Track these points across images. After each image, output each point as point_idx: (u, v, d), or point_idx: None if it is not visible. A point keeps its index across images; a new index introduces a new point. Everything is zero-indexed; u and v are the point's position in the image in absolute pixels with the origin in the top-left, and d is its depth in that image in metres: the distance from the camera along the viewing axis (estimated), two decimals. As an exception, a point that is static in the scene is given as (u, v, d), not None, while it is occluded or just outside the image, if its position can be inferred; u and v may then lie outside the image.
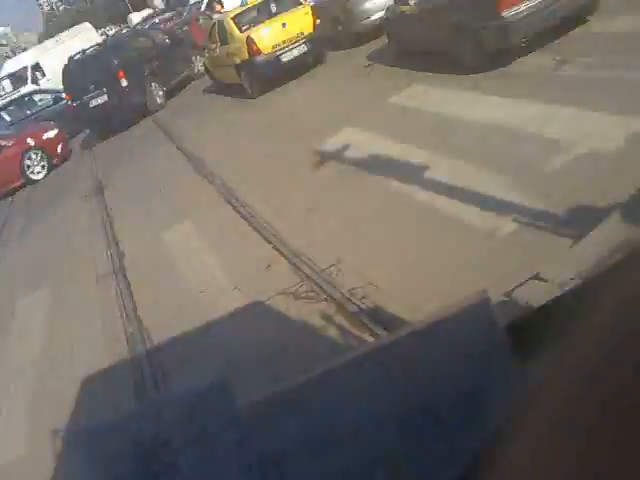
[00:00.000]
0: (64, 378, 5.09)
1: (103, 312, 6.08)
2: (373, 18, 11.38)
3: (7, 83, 24.79)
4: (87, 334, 5.79)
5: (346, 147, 7.05)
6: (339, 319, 4.14)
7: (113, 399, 4.35)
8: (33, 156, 13.92)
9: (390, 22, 10.00)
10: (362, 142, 7.01)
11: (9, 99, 20.53)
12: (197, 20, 20.81)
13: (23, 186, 13.75)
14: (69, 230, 9.43)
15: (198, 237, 6.84)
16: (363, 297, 4.25)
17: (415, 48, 9.21)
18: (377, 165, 6.24)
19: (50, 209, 11.11)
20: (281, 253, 5.50)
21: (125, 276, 6.69)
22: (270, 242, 5.79)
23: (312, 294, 4.66)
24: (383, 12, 10.49)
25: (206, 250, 6.37)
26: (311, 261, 5.08)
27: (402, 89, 8.16)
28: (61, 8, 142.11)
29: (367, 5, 11.55)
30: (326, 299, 4.49)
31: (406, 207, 5.23)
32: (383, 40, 10.63)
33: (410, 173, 5.68)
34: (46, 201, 11.90)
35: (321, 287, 4.67)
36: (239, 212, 6.85)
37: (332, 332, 4.03)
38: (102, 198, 10.22)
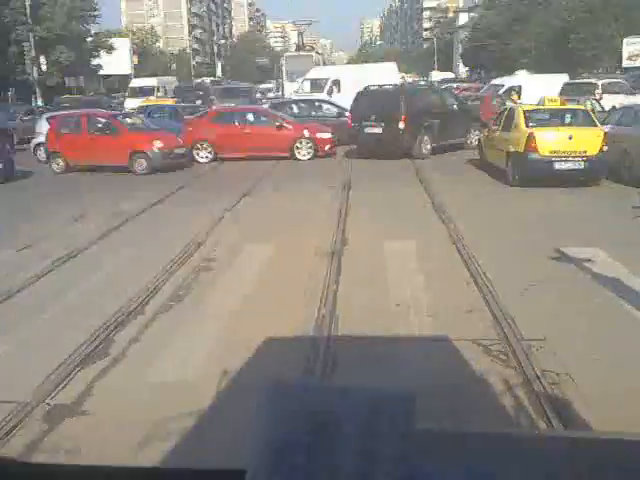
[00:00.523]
0: (253, 330, 5.43)
1: (309, 283, 6.66)
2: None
3: (307, 85, 27.77)
4: (289, 296, 6.37)
5: (589, 260, 7.10)
6: (520, 393, 4.19)
7: (283, 367, 4.75)
8: (304, 143, 17.42)
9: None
10: (609, 264, 6.99)
11: (304, 98, 23.36)
12: (491, 100, 21.52)
13: (288, 157, 17.36)
14: (312, 201, 11.48)
15: (416, 257, 7.62)
16: (554, 383, 4.27)
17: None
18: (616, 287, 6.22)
19: (296, 183, 13.60)
20: (488, 304, 5.79)
21: (340, 260, 7.43)
22: (482, 291, 6.16)
23: (503, 357, 4.78)
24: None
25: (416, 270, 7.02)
26: (516, 326, 5.23)
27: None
28: (378, 42, 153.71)
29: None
30: (515, 368, 4.57)
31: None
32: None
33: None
34: (300, 175, 14.96)
35: (515, 354, 4.75)
36: (460, 253, 7.55)
37: (507, 401, 4.10)
38: (346, 193, 12.02)
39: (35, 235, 9.30)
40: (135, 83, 42.65)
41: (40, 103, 36.41)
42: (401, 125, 16.43)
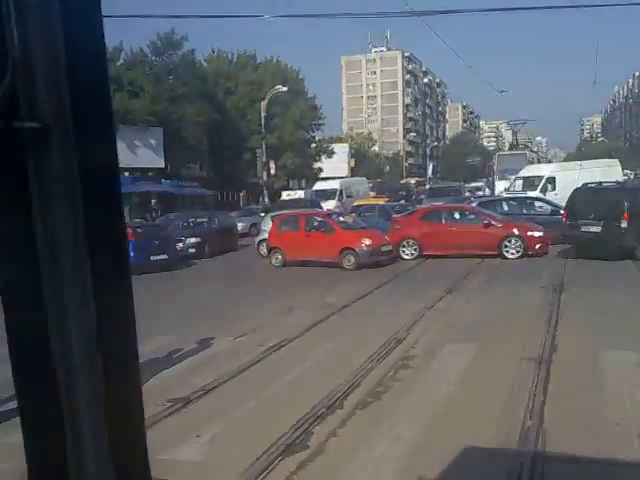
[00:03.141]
0: (447, 434, 5.36)
1: (514, 390, 6.32)
2: None
3: (519, 183, 27.27)
4: (490, 400, 6.12)
5: None
6: None
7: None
8: (513, 241, 17.05)
9: None
10: None
11: (516, 196, 23.00)
12: None
13: (496, 256, 16.99)
14: (520, 301, 11.19)
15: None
16: None
17: None
18: None
19: (506, 283, 13.29)
20: None
21: (549, 368, 6.93)
22: None
23: None
24: None
25: None
26: None
27: None
28: (599, 139, 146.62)
29: None
30: None
31: None
32: None
33: None
34: (508, 274, 14.71)
35: None
36: None
37: None
38: (558, 296, 11.27)
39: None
40: (319, 186, 41.84)
41: (267, 202, 40.45)
42: (623, 224, 15.23)
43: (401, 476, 4.66)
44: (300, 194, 40.48)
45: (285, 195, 40.75)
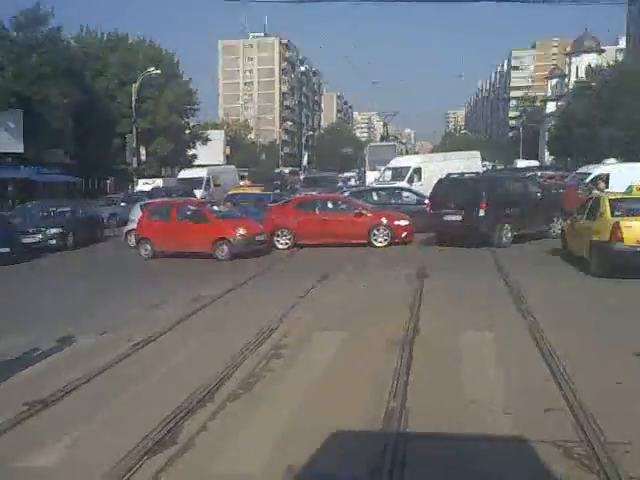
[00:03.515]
0: (316, 420, 5.47)
1: (379, 373, 6.57)
2: None
3: (389, 174, 28.34)
4: (358, 384, 6.33)
5: None
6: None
7: (346, 463, 4.70)
8: (381, 230, 17.73)
9: None
10: None
11: (385, 186, 23.90)
12: (575, 188, 21.05)
13: (366, 244, 17.58)
14: (387, 288, 11.68)
15: (493, 350, 7.39)
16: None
17: None
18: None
19: (374, 270, 13.79)
20: (569, 403, 5.50)
21: (411, 351, 7.28)
22: (562, 389, 5.87)
23: (586, 461, 4.48)
24: None
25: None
26: (599, 427, 4.93)
27: None
28: (463, 132, 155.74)
29: None
30: (599, 473, 4.28)
31: None
32: None
33: None
34: (376, 262, 15.36)
35: (598, 459, 4.45)
36: (540, 347, 7.26)
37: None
38: (421, 281, 11.92)
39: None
40: (184, 174, 39.53)
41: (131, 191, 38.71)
42: (481, 212, 16.31)
43: (271, 467, 4.70)
44: (158, 182, 37.93)
45: (142, 184, 38.14)
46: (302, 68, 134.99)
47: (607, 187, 20.67)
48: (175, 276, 14.53)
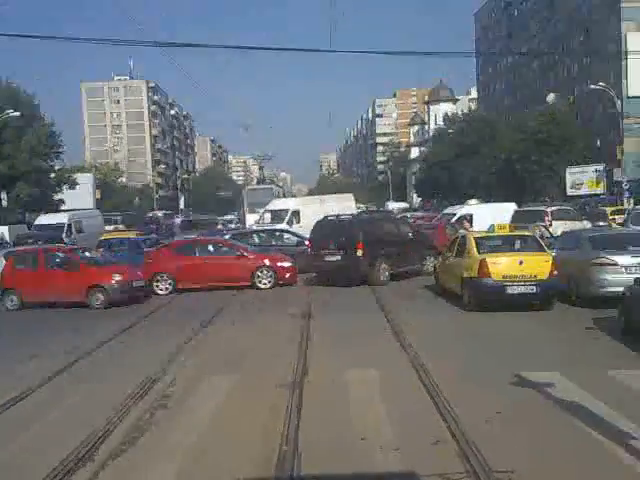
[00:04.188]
0: (208, 471, 5.32)
1: (271, 417, 6.47)
2: (611, 289, 11.32)
3: (268, 216, 28.60)
4: (249, 429, 6.18)
5: (550, 385, 7.10)
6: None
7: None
8: (265, 271, 17.69)
9: (628, 299, 9.79)
10: (570, 389, 7.04)
11: (265, 228, 24.14)
12: (444, 228, 22.40)
13: (249, 287, 17.48)
14: (273, 330, 11.59)
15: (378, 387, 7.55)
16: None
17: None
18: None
19: (260, 313, 13.77)
20: (454, 435, 5.67)
21: (301, 392, 7.27)
22: (446, 421, 6.05)
23: None
24: (623, 288, 10.34)
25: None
26: (483, 457, 5.10)
27: (624, 365, 7.99)
28: (335, 175, 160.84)
29: (608, 276, 11.64)
30: None
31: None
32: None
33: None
34: (261, 304, 15.08)
35: None
36: (422, 380, 7.54)
37: None
38: (307, 322, 12.10)
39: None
40: (42, 220, 35.19)
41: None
42: (359, 252, 16.85)
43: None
44: (4, 230, 32.20)
45: None
46: (172, 112, 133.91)
47: (472, 226, 22.20)
48: (46, 329, 13.50)
